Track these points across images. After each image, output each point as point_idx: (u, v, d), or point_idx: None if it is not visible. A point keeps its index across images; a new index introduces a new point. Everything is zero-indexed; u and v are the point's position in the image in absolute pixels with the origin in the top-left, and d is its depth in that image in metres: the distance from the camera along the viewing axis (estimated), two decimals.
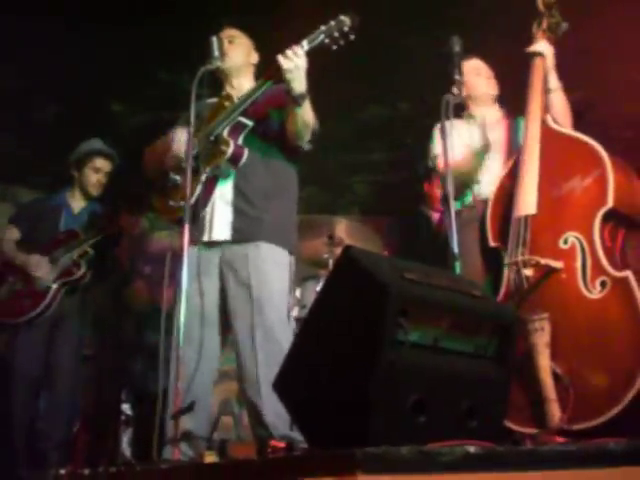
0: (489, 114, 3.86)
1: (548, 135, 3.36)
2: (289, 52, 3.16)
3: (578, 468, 1.76)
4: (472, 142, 3.69)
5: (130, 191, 4.65)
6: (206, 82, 3.27)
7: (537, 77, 3.50)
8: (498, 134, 3.78)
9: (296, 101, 3.21)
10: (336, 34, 3.17)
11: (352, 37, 3.18)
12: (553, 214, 3.21)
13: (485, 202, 3.54)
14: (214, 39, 3.32)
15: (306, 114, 3.27)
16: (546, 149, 3.32)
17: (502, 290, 3.21)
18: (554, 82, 3.55)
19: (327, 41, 3.19)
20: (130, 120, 5.70)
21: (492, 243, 3.39)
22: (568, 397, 2.87)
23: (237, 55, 3.57)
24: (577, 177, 3.20)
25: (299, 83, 3.17)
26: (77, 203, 4.65)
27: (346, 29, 3.16)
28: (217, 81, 3.59)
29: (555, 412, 2.86)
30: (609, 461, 1.78)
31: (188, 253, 3.08)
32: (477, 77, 3.90)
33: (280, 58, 3.16)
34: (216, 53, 3.28)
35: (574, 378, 2.91)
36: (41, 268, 4.37)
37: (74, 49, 4.67)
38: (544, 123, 3.39)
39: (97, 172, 4.62)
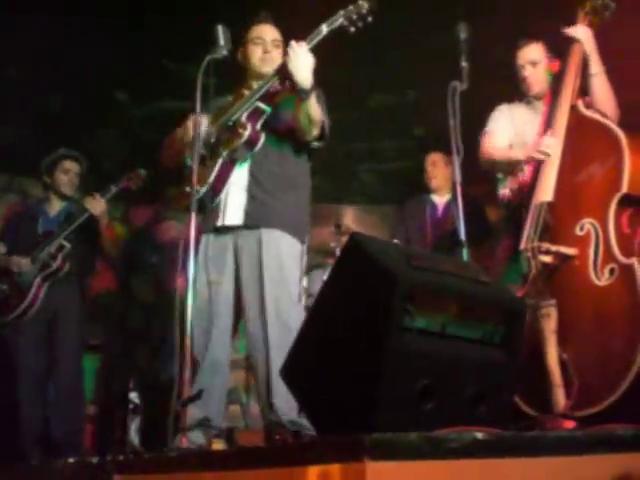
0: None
1: (576, 120, 3.34)
2: (292, 43, 3.22)
3: (585, 454, 1.75)
4: (524, 130, 3.68)
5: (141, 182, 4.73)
6: (212, 71, 3.27)
7: (572, 62, 3.47)
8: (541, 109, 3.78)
9: (300, 95, 3.23)
10: (355, 17, 3.25)
11: (370, 20, 3.25)
12: (572, 200, 3.20)
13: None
14: (219, 27, 3.31)
15: (311, 109, 3.28)
16: (572, 134, 3.31)
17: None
18: (595, 66, 3.49)
19: (346, 24, 3.26)
20: (137, 110, 5.69)
21: None
22: (573, 384, 2.87)
23: (277, 60, 3.57)
24: (596, 162, 3.18)
25: (302, 77, 3.19)
26: (53, 207, 4.90)
27: (364, 12, 3.24)
28: (225, 70, 3.59)
29: (560, 398, 2.86)
30: (616, 447, 1.78)
31: (201, 240, 3.13)
32: (534, 66, 3.79)
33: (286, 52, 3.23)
34: (222, 42, 3.27)
35: (579, 365, 2.91)
36: (22, 265, 4.59)
37: (80, 40, 4.66)
38: (574, 108, 3.36)
39: (67, 173, 4.88)
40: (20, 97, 5.23)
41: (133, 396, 5.28)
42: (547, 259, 3.12)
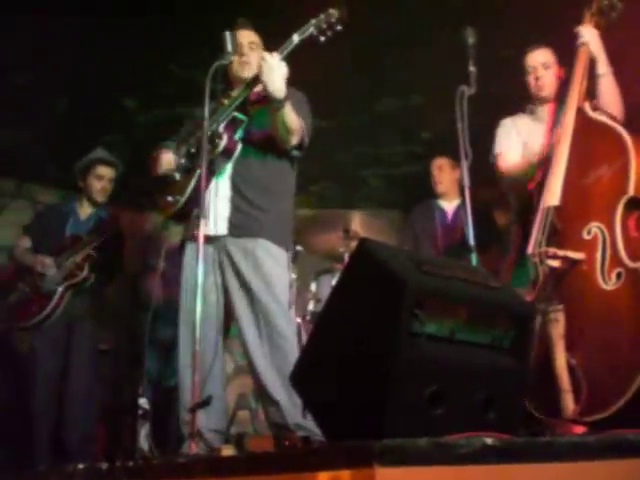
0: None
1: (583, 123, 3.32)
2: (264, 54, 3.24)
3: (596, 459, 1.75)
4: (531, 140, 3.66)
5: (142, 188, 4.73)
6: (220, 77, 3.29)
7: (579, 65, 3.46)
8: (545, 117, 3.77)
9: (274, 105, 3.25)
10: (324, 26, 3.25)
11: (339, 28, 3.25)
12: (580, 204, 3.18)
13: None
14: (227, 34, 3.32)
15: (287, 118, 3.30)
16: (579, 137, 3.29)
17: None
18: (602, 67, 3.48)
19: (316, 33, 3.27)
20: (143, 115, 5.70)
21: None
22: (581, 389, 2.86)
23: (255, 62, 3.58)
24: (604, 165, 3.16)
25: (274, 86, 3.20)
26: (84, 210, 4.85)
27: (333, 20, 3.24)
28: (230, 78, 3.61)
29: (569, 403, 2.85)
30: (627, 452, 1.78)
31: (189, 249, 3.17)
32: (546, 69, 3.79)
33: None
34: (229, 48, 3.29)
35: (587, 370, 2.89)
36: (47, 267, 4.54)
37: (87, 45, 4.67)
38: (581, 111, 3.35)
39: (100, 180, 4.81)
40: (27, 103, 5.24)
41: (142, 402, 5.28)
42: (555, 264, 3.10)
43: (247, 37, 3.60)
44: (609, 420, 2.74)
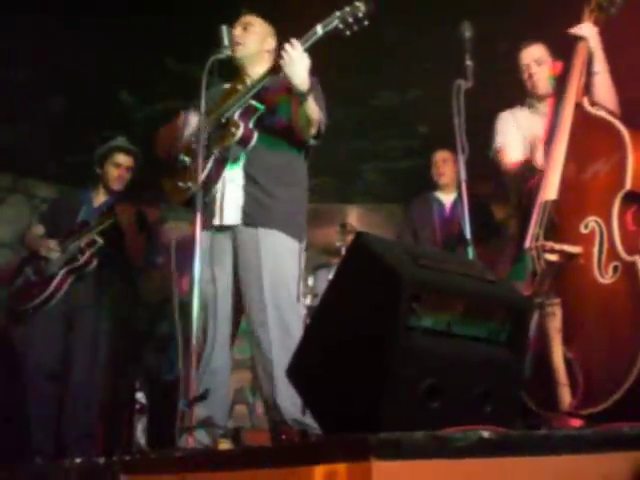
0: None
1: (581, 118, 3.31)
2: (286, 45, 3.18)
3: (593, 453, 1.75)
4: (531, 134, 3.67)
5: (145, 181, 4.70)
6: (216, 71, 3.27)
7: (577, 61, 3.45)
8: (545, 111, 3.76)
9: (297, 97, 3.22)
10: (350, 20, 3.15)
11: (366, 23, 3.16)
12: (578, 198, 3.18)
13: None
14: (224, 28, 3.30)
15: (309, 110, 3.26)
16: (577, 132, 3.29)
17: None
18: (598, 64, 3.48)
19: (341, 26, 3.16)
20: (141, 111, 5.69)
21: None
22: (578, 382, 2.86)
23: (250, 43, 3.56)
24: (601, 160, 3.16)
25: (298, 79, 3.16)
26: (99, 198, 4.79)
27: (360, 15, 3.14)
28: (228, 70, 3.59)
29: (566, 397, 2.85)
30: (623, 445, 1.77)
31: (201, 238, 3.10)
32: (540, 65, 3.80)
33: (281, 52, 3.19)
34: (226, 42, 3.26)
35: (584, 363, 2.90)
36: (50, 250, 4.52)
37: (86, 41, 4.67)
38: (579, 106, 3.34)
39: (118, 167, 4.73)
40: (25, 99, 5.24)
41: (139, 396, 5.28)
42: (552, 258, 3.10)
43: (241, 20, 3.57)
44: (606, 413, 2.74)
